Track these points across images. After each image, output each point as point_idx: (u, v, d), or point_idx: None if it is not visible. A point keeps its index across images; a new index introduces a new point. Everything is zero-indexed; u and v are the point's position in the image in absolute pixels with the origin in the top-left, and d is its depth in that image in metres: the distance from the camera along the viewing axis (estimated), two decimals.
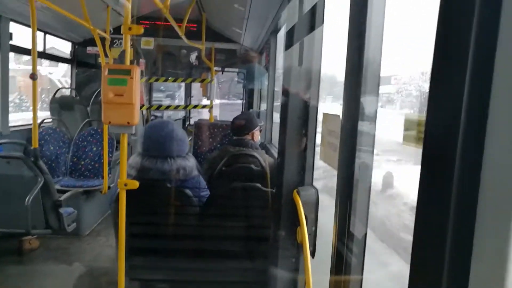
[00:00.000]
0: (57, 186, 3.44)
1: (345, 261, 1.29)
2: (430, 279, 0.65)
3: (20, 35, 4.18)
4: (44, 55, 5.03)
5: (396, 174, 1.87)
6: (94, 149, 3.94)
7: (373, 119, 1.32)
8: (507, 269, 0.56)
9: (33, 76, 2.72)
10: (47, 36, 4.91)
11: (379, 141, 1.37)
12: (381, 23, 1.31)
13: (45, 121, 4.41)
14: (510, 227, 0.55)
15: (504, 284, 0.56)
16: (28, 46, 3.49)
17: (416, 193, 0.69)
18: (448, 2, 0.64)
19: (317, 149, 1.83)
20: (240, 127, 2.74)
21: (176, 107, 5.53)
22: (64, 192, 3.17)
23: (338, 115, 1.52)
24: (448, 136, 0.63)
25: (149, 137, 2.06)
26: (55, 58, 5.76)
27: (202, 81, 4.90)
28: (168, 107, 5.26)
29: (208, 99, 4.83)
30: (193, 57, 5.57)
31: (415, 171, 0.70)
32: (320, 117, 1.83)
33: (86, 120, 4.28)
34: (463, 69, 0.61)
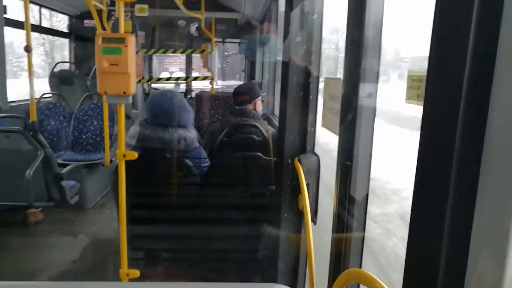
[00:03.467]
0: (59, 160, 3.44)
1: (346, 225, 1.27)
2: (425, 277, 0.63)
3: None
4: (40, 28, 4.93)
5: None
6: (95, 123, 3.92)
7: (374, 81, 1.27)
8: (505, 267, 0.53)
9: (28, 49, 2.68)
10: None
11: None
12: None
13: (44, 95, 4.37)
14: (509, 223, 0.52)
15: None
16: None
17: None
18: None
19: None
20: (242, 96, 2.69)
21: (177, 79, 5.45)
22: (66, 166, 3.17)
23: (340, 79, 1.47)
24: (446, 132, 0.59)
25: (153, 106, 2.06)
26: (52, 32, 5.66)
27: (202, 51, 4.79)
28: (168, 79, 5.19)
29: (208, 71, 4.75)
30: (193, 28, 5.44)
31: None
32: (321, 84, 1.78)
33: (86, 94, 4.23)
34: (462, 64, 0.56)
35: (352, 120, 1.28)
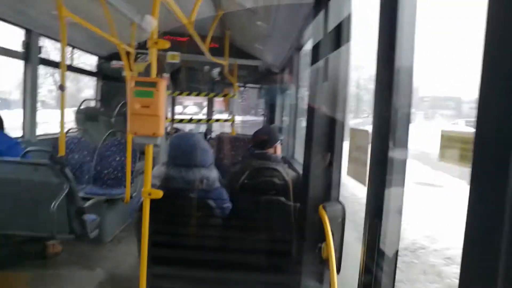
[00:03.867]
0: (81, 194, 3.50)
1: (374, 279, 1.26)
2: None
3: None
4: (72, 68, 5.19)
5: None
6: (117, 159, 4.00)
7: (405, 134, 1.29)
8: None
9: (61, 88, 2.84)
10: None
11: None
12: (412, 33, 1.29)
13: (70, 130, 4.52)
14: None
15: None
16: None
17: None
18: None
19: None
20: (262, 140, 2.73)
21: (199, 120, 5.60)
22: (87, 199, 3.22)
23: (367, 130, 1.51)
24: (501, 136, 0.61)
25: (176, 147, 2.13)
26: (82, 71, 5.93)
27: (224, 96, 4.96)
28: (190, 120, 5.33)
29: (230, 114, 4.88)
30: (215, 72, 5.65)
31: None
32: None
33: (110, 131, 4.35)
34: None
35: (381, 173, 1.29)
